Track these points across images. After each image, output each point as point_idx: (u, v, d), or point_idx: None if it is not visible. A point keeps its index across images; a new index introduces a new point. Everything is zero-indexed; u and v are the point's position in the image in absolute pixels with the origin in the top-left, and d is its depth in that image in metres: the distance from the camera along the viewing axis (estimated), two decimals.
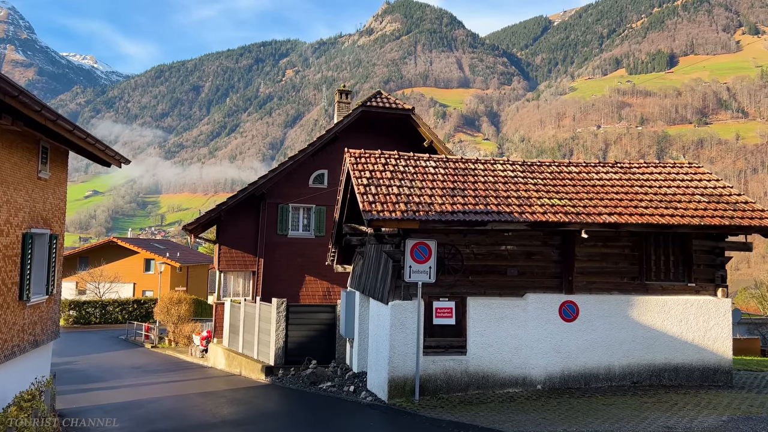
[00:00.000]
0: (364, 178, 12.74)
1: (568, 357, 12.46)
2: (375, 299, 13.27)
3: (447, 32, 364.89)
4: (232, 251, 21.06)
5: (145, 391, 16.21)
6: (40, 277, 11.40)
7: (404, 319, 11.87)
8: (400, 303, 11.89)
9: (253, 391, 15.36)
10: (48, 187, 11.50)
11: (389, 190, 12.37)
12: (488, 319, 12.23)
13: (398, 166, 13.55)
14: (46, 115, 8.37)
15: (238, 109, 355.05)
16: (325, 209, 21.67)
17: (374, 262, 13.84)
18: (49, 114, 8.43)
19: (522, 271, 12.64)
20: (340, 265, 17.48)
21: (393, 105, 21.70)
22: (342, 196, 15.04)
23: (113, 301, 44.73)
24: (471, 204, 12.15)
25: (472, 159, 14.46)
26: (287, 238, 21.50)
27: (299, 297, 21.12)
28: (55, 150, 11.81)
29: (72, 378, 19.36)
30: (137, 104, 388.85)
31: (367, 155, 13.87)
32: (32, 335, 10.94)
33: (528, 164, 14.57)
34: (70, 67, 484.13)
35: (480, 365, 12.12)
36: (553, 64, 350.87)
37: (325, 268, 20.70)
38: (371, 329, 13.81)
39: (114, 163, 12.97)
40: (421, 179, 13.05)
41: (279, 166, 21.20)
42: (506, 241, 12.63)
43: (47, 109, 8.29)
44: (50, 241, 11.61)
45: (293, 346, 17.30)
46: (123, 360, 23.88)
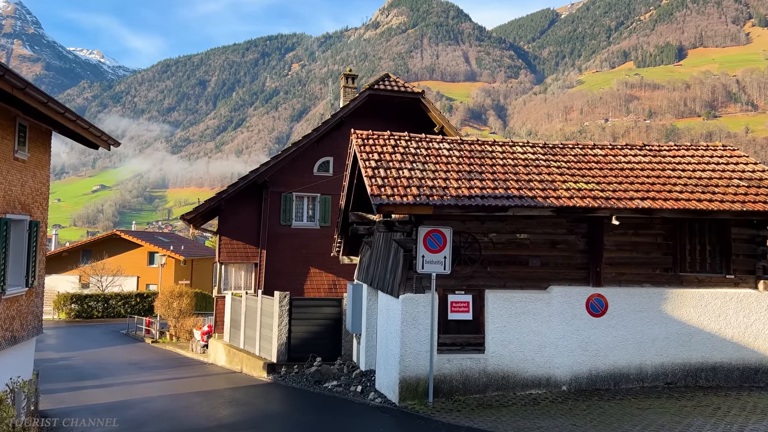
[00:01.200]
0: (373, 161, 11.68)
1: (596, 355, 11.39)
2: (384, 292, 12.24)
3: (453, 25, 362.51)
4: (233, 242, 20.06)
5: (139, 390, 15.26)
6: (18, 267, 10.43)
7: (416, 314, 10.82)
8: (412, 296, 10.85)
9: (253, 390, 14.38)
10: (27, 170, 10.51)
11: (400, 173, 11.31)
12: (508, 314, 11.17)
13: (409, 148, 12.48)
14: (12, 82, 7.35)
15: (244, 104, 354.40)
16: (331, 198, 20.62)
17: (383, 253, 12.80)
18: (14, 80, 7.41)
19: (545, 261, 11.56)
20: (346, 257, 16.45)
21: (402, 88, 20.61)
22: (348, 182, 13.99)
23: (116, 294, 43.95)
24: (490, 188, 11.07)
25: (489, 141, 13.38)
26: (291, 229, 20.48)
27: (303, 290, 20.12)
28: (36, 129, 10.81)
29: (66, 375, 18.47)
30: (144, 99, 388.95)
31: (376, 136, 12.81)
32: (9, 331, 9.97)
33: (550, 146, 13.47)
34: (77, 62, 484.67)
35: (500, 364, 11.07)
36: (560, 57, 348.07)
37: (330, 260, 19.67)
38: (380, 324, 12.78)
39: (102, 144, 11.97)
40: (434, 162, 11.98)
41: (282, 153, 20.16)
42: (528, 229, 11.56)
43: (11, 73, 7.27)
44: (30, 229, 10.63)
45: (297, 342, 16.31)
46: (121, 356, 22.98)
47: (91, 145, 12.21)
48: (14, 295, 10.17)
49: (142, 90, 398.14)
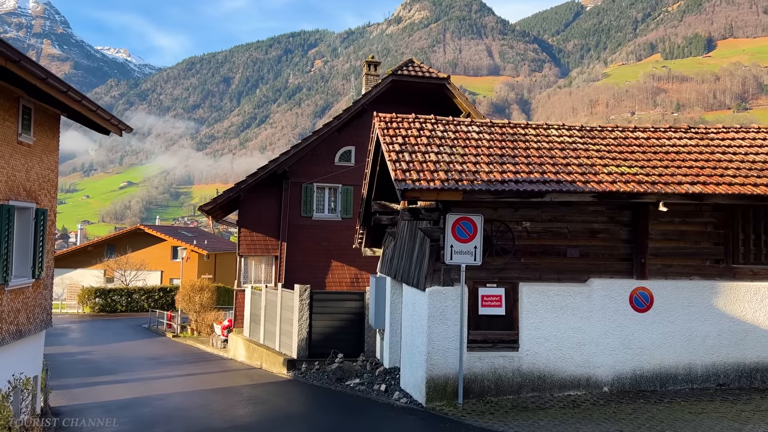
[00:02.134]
0: (397, 144, 10.91)
1: (640, 354, 10.47)
2: (409, 285, 11.47)
3: (476, 19, 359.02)
4: (253, 234, 19.46)
5: (155, 386, 14.75)
6: (24, 258, 9.89)
7: (444, 309, 10.04)
8: (440, 289, 10.07)
9: (272, 387, 13.75)
10: (32, 155, 9.96)
11: (426, 157, 10.52)
12: (545, 309, 10.31)
13: (435, 131, 11.67)
14: (4, 53, 6.72)
15: (267, 100, 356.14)
16: (353, 189, 19.89)
17: (408, 243, 12.02)
18: (7, 52, 6.79)
19: (585, 252, 10.66)
20: (368, 248, 15.70)
21: (426, 73, 19.76)
22: (370, 169, 13.23)
23: (139, 288, 43.97)
24: (524, 172, 10.21)
25: (522, 123, 12.49)
26: (312, 221, 19.80)
27: (325, 284, 19.45)
28: (42, 112, 10.25)
29: (84, 370, 18.11)
30: (169, 96, 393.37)
31: (399, 119, 12.03)
32: (14, 325, 9.44)
33: (587, 129, 12.53)
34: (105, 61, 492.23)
35: (535, 363, 10.23)
36: (585, 50, 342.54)
37: (352, 253, 18.96)
38: (405, 319, 12.03)
39: (112, 129, 11.40)
40: (462, 145, 11.16)
41: (302, 142, 19.48)
42: (566, 217, 10.67)
43: (4, 44, 6.64)
44: (36, 217, 10.08)
45: (318, 337, 15.63)
46: (140, 350, 22.62)
47: (102, 131, 11.65)
48: (19, 286, 9.64)
49: (168, 88, 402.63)
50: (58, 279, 51.91)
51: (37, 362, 10.68)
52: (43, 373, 11.18)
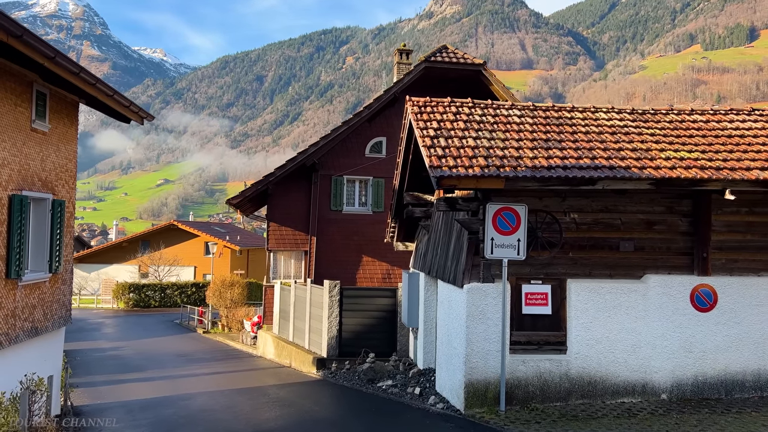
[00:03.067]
0: (431, 129, 10.10)
1: (702, 358, 9.46)
2: (445, 282, 10.67)
3: (509, 13, 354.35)
4: (282, 228, 18.89)
5: (181, 385, 14.29)
6: (40, 251, 9.44)
7: (485, 307, 9.20)
8: (479, 286, 9.24)
9: (301, 388, 13.11)
10: (48, 143, 9.49)
11: (463, 142, 9.69)
12: (595, 308, 9.39)
13: (473, 115, 10.82)
14: (4, 26, 6.15)
15: (300, 98, 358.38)
16: (384, 181, 19.15)
17: (443, 236, 11.22)
18: (8, 25, 6.22)
19: (640, 245, 9.69)
20: (400, 243, 14.93)
21: (461, 59, 18.85)
22: (402, 158, 12.44)
23: (172, 284, 44.12)
24: (572, 158, 9.29)
25: (567, 106, 11.53)
26: (342, 214, 19.12)
27: (356, 279, 18.76)
28: (58, 99, 9.78)
29: (112, 366, 17.83)
30: (204, 95, 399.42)
31: (434, 103, 11.21)
32: (29, 321, 8.98)
33: (639, 112, 11.50)
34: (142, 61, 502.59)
35: (585, 367, 9.32)
36: (621, 42, 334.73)
37: (384, 248, 18.23)
38: (440, 318, 11.23)
39: (132, 116, 10.88)
40: (503, 130, 10.28)
41: (332, 133, 18.79)
42: (619, 207, 9.72)
43: (3, 16, 6.07)
44: (53, 209, 9.61)
45: (348, 335, 14.95)
46: (170, 346, 22.34)
47: (123, 119, 11.15)
48: (35, 281, 9.18)
49: (203, 86, 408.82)
50: (95, 274, 52.70)
51: (54, 361, 10.24)
52: (63, 371, 10.74)
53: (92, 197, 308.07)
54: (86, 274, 53.02)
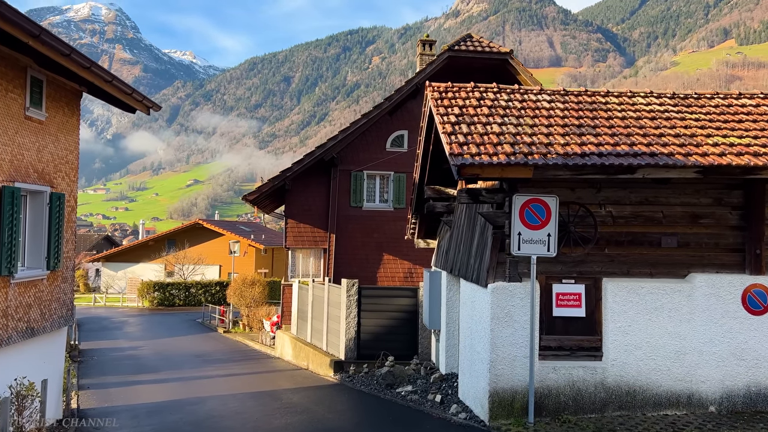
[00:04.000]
0: (452, 116, 9.30)
1: (756, 366, 8.49)
2: (468, 281, 9.87)
3: (537, 10, 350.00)
4: (300, 226, 18.26)
5: (193, 387, 13.75)
6: (37, 247, 8.93)
7: (511, 309, 8.38)
8: (505, 286, 8.42)
9: (316, 393, 12.44)
10: (45, 132, 8.98)
11: (488, 128, 8.87)
12: (635, 310, 8.49)
13: (499, 101, 9.99)
14: None
15: (326, 98, 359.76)
16: (405, 177, 18.37)
17: (466, 232, 10.42)
18: None
19: (684, 241, 8.76)
20: (422, 240, 14.16)
21: (486, 48, 17.97)
22: (422, 149, 11.67)
23: (196, 283, 44.05)
24: (608, 144, 8.40)
25: (601, 91, 10.62)
26: (362, 211, 18.41)
27: (377, 278, 18.04)
28: (56, 86, 9.27)
29: (127, 367, 17.44)
30: (233, 96, 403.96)
31: (456, 89, 10.41)
32: (24, 322, 8.47)
33: (681, 97, 10.53)
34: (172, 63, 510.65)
35: (623, 376, 8.43)
36: (652, 38, 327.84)
37: (406, 246, 17.48)
38: (463, 320, 10.43)
39: (137, 105, 10.34)
40: (532, 116, 9.43)
41: (351, 126, 18.08)
42: (660, 199, 8.80)
43: None
44: (52, 202, 9.10)
45: (367, 337, 14.24)
46: (189, 346, 21.93)
47: (128, 108, 10.61)
48: (30, 279, 8.68)
49: (231, 88, 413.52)
50: (121, 273, 53.07)
51: (54, 363, 9.73)
52: (66, 373, 10.25)
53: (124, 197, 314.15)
54: (113, 273, 53.45)
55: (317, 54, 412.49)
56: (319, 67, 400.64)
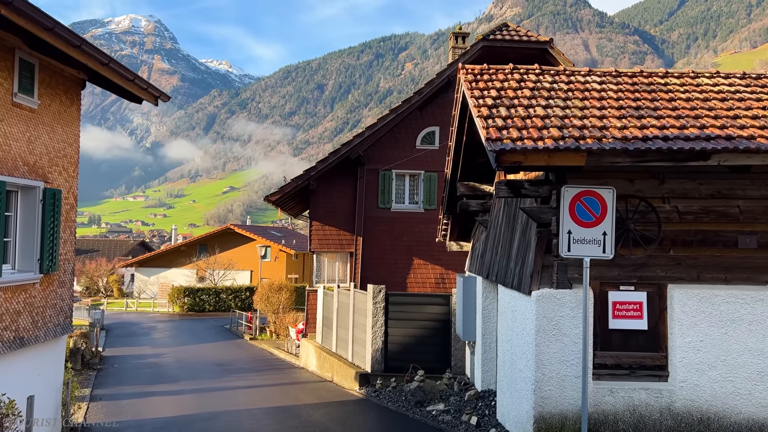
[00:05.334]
0: (489, 98, 8.16)
1: None
2: (507, 287, 8.68)
3: (572, 13, 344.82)
4: (325, 228, 17.27)
5: (209, 401, 12.84)
6: (28, 247, 8.12)
7: (559, 320, 7.17)
8: (552, 293, 7.22)
9: (339, 409, 11.38)
10: (37, 122, 8.17)
11: (530, 111, 7.70)
12: (707, 323, 7.18)
13: (542, 83, 8.80)
14: None
15: (359, 105, 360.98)
16: (437, 176, 17.22)
17: (505, 232, 9.24)
18: None
19: (765, 241, 7.40)
20: (454, 242, 12.99)
21: (524, 38, 16.74)
22: (455, 141, 10.54)
23: (226, 288, 43.61)
24: (674, 127, 7.14)
25: (659, 72, 9.32)
26: (390, 213, 17.32)
27: (406, 284, 16.91)
28: (52, 72, 8.47)
29: (145, 376, 16.70)
30: (267, 104, 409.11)
31: (492, 71, 9.27)
32: (10, 331, 7.64)
33: (753, 77, 9.17)
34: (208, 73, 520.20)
35: (694, 400, 7.12)
36: (692, 39, 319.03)
37: (437, 249, 16.33)
38: (501, 332, 9.23)
39: (143, 95, 9.48)
40: (581, 98, 8.22)
41: (378, 122, 17.05)
42: (736, 191, 7.47)
43: None
44: (46, 199, 8.28)
45: (394, 347, 13.14)
46: (212, 354, 21.15)
47: (134, 99, 9.77)
48: (19, 283, 7.85)
49: (266, 96, 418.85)
50: (154, 278, 53.11)
51: (49, 376, 8.88)
52: (65, 386, 9.41)
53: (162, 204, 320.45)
54: (146, 278, 53.54)
55: (350, 61, 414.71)
56: (352, 74, 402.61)
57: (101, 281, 57.23)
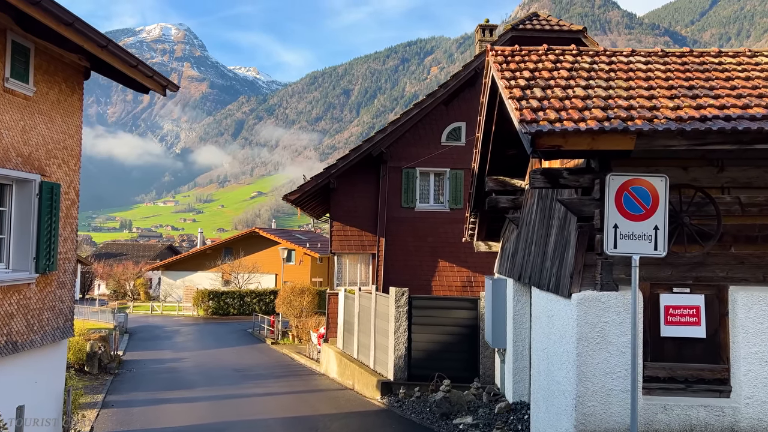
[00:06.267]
0: (522, 79, 7.35)
1: None
2: (542, 289, 7.84)
3: (600, 14, 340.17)
4: (346, 228, 16.57)
5: (223, 409, 12.21)
6: (23, 245, 7.57)
7: (604, 327, 6.31)
8: (596, 296, 6.36)
9: (359, 421, 10.63)
10: (34, 110, 7.63)
11: (569, 92, 6.87)
12: None
13: (581, 63, 7.95)
14: None
15: (385, 110, 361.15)
16: (463, 174, 16.38)
17: (539, 229, 8.39)
18: None
19: None
20: (482, 242, 12.13)
21: (556, 27, 15.85)
22: (483, 131, 9.73)
23: (251, 291, 43.29)
24: (736, 107, 6.23)
25: (711, 51, 8.37)
26: (414, 212, 16.52)
27: (431, 288, 16.09)
28: (51, 58, 7.93)
29: (162, 382, 16.21)
30: (294, 110, 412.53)
31: (525, 52, 8.44)
32: (2, 335, 7.07)
33: None
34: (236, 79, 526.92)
35: (763, 419, 6.18)
36: (725, 40, 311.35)
37: (464, 251, 15.50)
38: (536, 339, 8.37)
39: (149, 84, 8.91)
40: (625, 78, 7.35)
41: (401, 117, 16.29)
42: None
43: None
44: (42, 193, 7.72)
45: (419, 354, 12.35)
46: (232, 359, 20.60)
47: (141, 88, 9.21)
48: (11, 282, 7.30)
49: (293, 102, 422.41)
50: (180, 281, 53.18)
51: (47, 383, 8.31)
52: (66, 395, 8.84)
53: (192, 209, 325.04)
54: (172, 281, 53.63)
55: (376, 66, 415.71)
56: (378, 79, 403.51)
57: (128, 284, 57.60)
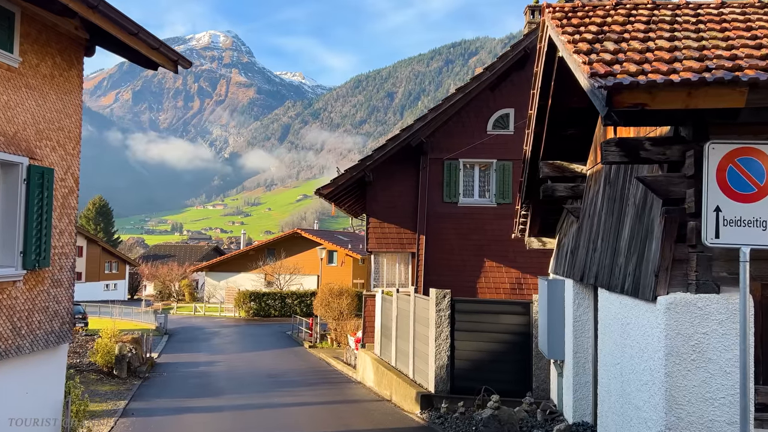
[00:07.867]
0: (588, 33, 6.00)
1: None
2: (614, 292, 6.43)
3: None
4: (384, 225, 15.35)
5: (246, 421, 11.19)
6: (8, 238, 6.68)
7: (702, 339, 4.89)
8: (690, 300, 4.94)
9: None
10: (20, 83, 6.73)
11: (649, 45, 5.48)
12: None
13: (658, 15, 6.52)
14: None
15: None
16: (511, 165, 14.94)
17: (607, 218, 6.98)
18: None
19: None
20: (534, 238, 10.68)
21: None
22: (537, 107, 8.35)
23: (292, 293, 42.65)
24: None
25: None
26: (457, 207, 15.16)
27: (476, 290, 14.70)
28: (43, 26, 7.03)
29: (190, 388, 15.38)
30: (339, 113, 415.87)
31: (588, 7, 7.07)
32: None
33: None
34: (283, 85, 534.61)
35: None
36: None
37: (513, 250, 14.08)
38: (605, 351, 6.96)
39: (157, 58, 7.96)
40: (719, 29, 5.89)
41: (443, 103, 14.95)
42: None
43: None
44: (31, 179, 6.81)
45: (463, 364, 11.02)
46: (266, 363, 19.68)
47: (150, 64, 8.26)
48: None
49: (338, 106, 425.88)
50: (223, 283, 53.15)
51: (40, 393, 7.38)
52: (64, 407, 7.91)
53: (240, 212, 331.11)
54: (216, 283, 53.65)
55: (420, 68, 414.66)
56: (422, 81, 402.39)
57: (173, 286, 58.03)
